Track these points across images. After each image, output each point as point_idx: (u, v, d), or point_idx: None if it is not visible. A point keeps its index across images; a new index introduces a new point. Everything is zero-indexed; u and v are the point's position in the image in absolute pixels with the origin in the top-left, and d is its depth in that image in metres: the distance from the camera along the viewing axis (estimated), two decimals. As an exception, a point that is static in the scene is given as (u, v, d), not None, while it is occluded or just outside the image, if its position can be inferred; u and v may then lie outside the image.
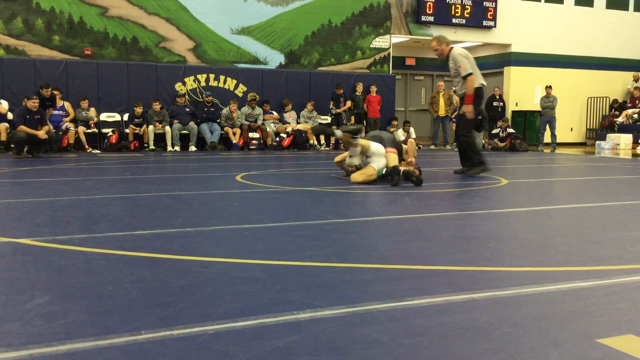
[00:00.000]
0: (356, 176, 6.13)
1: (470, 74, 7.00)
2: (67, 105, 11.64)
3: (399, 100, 16.42)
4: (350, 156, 6.28)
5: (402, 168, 6.06)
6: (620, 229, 3.83)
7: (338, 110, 13.84)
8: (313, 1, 14.29)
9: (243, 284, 2.45)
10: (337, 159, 6.83)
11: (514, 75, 16.51)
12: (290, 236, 3.47)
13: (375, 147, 6.17)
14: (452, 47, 7.29)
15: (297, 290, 2.35)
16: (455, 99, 13.92)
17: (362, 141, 6.13)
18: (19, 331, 1.90)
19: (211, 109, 12.74)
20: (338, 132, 6.42)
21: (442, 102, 14.88)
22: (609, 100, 17.22)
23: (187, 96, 12.99)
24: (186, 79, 13.10)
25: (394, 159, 6.17)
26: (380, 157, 6.17)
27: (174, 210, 4.43)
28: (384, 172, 6.12)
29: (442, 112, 14.90)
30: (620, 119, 16.04)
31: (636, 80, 16.85)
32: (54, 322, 1.98)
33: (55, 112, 11.31)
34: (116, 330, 1.90)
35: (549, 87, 14.59)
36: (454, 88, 7.28)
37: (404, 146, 6.91)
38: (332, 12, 14.47)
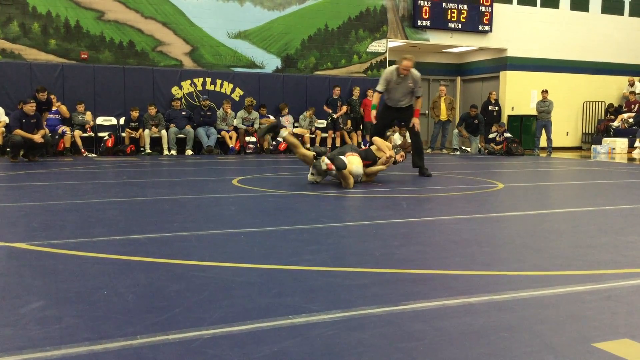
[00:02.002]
0: (350, 183, 6.17)
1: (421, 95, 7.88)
2: (60, 107, 11.50)
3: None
4: (312, 174, 6.36)
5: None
6: (615, 233, 3.84)
7: (335, 115, 13.84)
8: (309, 6, 14.31)
9: (239, 288, 2.44)
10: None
11: (510, 80, 16.55)
12: (286, 240, 3.46)
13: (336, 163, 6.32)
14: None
15: (293, 295, 2.35)
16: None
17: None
18: (14, 336, 1.89)
19: (208, 113, 12.74)
20: (284, 132, 6.67)
21: (443, 106, 14.93)
22: (605, 105, 17.26)
23: (183, 100, 12.98)
24: (183, 83, 13.09)
25: (355, 161, 6.38)
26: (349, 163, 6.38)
27: (170, 214, 4.43)
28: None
29: (443, 116, 14.95)
30: (615, 124, 16.09)
31: (631, 85, 16.92)
32: (49, 327, 1.97)
33: (51, 115, 11.28)
34: (111, 335, 1.90)
35: (544, 92, 14.63)
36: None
37: (373, 147, 6.98)
38: (328, 17, 14.49)
